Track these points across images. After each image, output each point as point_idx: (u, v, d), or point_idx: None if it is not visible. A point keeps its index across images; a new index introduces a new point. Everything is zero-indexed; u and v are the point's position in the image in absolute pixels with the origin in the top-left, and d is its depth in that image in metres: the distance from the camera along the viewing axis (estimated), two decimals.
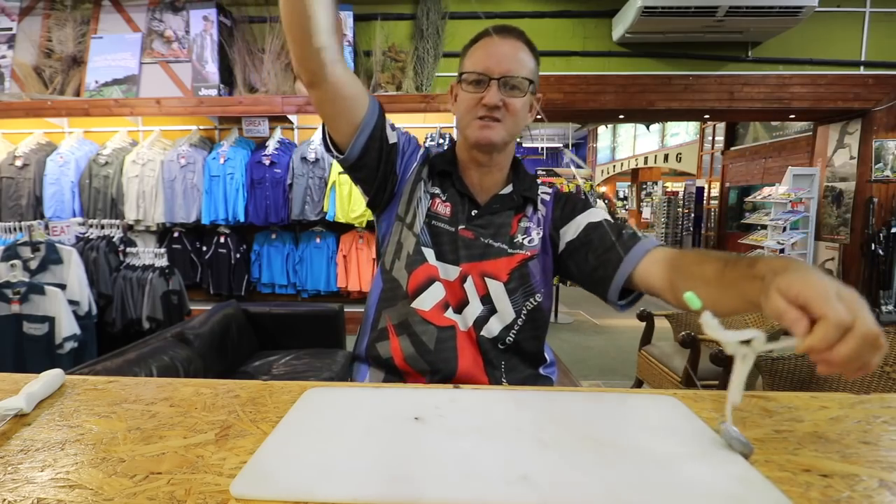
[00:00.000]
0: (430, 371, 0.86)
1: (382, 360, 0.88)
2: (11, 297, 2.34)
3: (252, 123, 4.34)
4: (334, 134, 0.87)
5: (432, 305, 0.87)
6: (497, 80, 0.84)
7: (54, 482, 0.46)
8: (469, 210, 0.92)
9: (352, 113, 0.84)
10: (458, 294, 0.87)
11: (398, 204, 0.93)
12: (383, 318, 0.90)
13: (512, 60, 0.86)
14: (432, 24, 4.34)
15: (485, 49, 0.87)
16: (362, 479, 0.47)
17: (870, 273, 4.72)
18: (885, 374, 1.58)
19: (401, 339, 0.87)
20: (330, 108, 0.82)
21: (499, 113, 0.86)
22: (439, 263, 0.88)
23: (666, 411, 0.63)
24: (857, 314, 0.46)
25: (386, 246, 0.92)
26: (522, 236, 0.91)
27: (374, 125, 0.86)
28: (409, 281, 0.88)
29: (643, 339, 2.81)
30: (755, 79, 4.48)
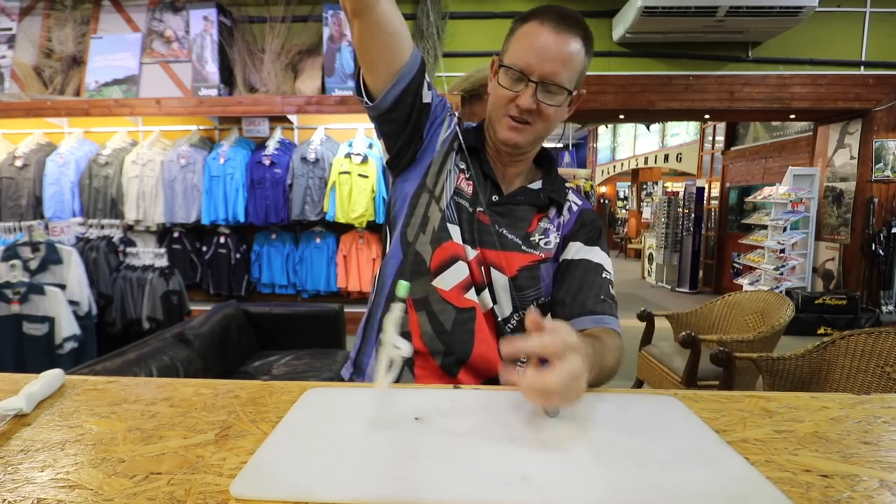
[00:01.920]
0: (443, 352, 0.82)
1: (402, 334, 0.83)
2: (11, 298, 2.34)
3: (252, 123, 4.34)
4: (370, 76, 0.80)
5: (453, 285, 0.82)
6: (536, 83, 0.78)
7: (54, 482, 0.46)
8: (490, 194, 0.88)
9: (393, 54, 0.78)
10: (478, 276, 0.83)
11: (426, 174, 0.87)
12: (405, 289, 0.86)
13: (557, 62, 0.77)
14: (432, 24, 4.34)
15: (532, 40, 0.78)
16: (362, 479, 0.47)
17: (870, 273, 4.72)
18: (886, 375, 1.58)
19: (419, 316, 0.83)
20: (371, 43, 0.75)
21: (530, 116, 0.81)
22: (462, 243, 0.84)
23: (666, 411, 0.63)
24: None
25: (406, 216, 0.86)
26: (540, 236, 0.87)
27: (411, 77, 0.81)
28: (432, 257, 0.83)
29: (643, 339, 2.81)
30: (755, 79, 4.48)
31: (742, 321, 2.56)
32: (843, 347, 1.69)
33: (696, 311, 2.74)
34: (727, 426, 0.59)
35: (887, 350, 1.59)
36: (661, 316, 2.78)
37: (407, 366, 0.83)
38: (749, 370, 2.18)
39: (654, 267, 7.84)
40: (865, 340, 1.65)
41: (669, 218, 7.52)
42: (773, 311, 2.36)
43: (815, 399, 0.68)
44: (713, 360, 1.98)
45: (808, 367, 1.75)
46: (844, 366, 1.68)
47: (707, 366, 2.16)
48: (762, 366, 1.80)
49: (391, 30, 0.76)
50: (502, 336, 0.85)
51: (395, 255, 0.87)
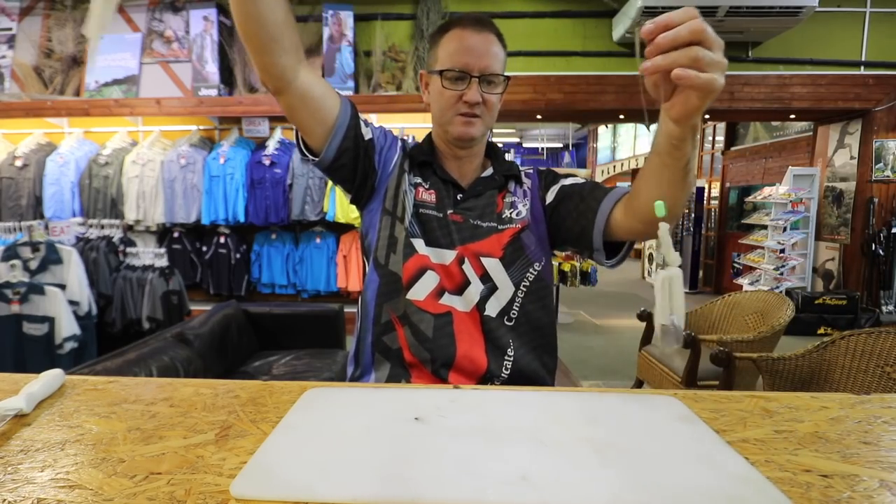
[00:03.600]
0: (430, 359, 0.85)
1: (392, 352, 0.88)
2: (11, 298, 2.34)
3: (252, 123, 4.34)
4: (309, 138, 0.86)
5: (426, 294, 0.87)
6: (477, 77, 0.86)
7: (54, 482, 0.46)
8: (454, 195, 0.94)
9: (323, 114, 0.83)
10: (456, 277, 0.88)
11: (384, 198, 0.92)
12: (385, 311, 0.89)
13: (489, 56, 0.87)
14: (432, 24, 4.34)
15: (461, 43, 0.87)
16: (362, 479, 0.47)
17: (870, 273, 4.72)
18: (886, 375, 1.58)
19: (404, 330, 0.87)
20: (300, 113, 0.82)
21: (478, 109, 0.88)
22: (431, 250, 0.88)
23: (666, 411, 0.63)
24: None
25: (377, 241, 0.92)
26: (509, 211, 0.93)
27: (347, 125, 0.86)
28: (402, 272, 0.88)
29: (643, 339, 2.81)
30: (755, 79, 4.48)
31: (742, 321, 2.56)
32: (843, 347, 1.69)
33: (696, 311, 2.74)
34: (727, 426, 0.59)
35: (887, 350, 1.59)
36: None
37: (404, 378, 0.86)
38: (749, 370, 2.18)
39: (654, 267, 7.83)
40: (865, 340, 1.65)
41: None
42: (773, 311, 2.36)
43: (815, 399, 0.68)
44: (713, 360, 1.98)
45: (808, 367, 1.75)
46: (844, 366, 1.68)
47: (707, 366, 2.16)
48: (762, 366, 1.80)
49: (315, 94, 0.81)
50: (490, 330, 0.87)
51: (373, 280, 0.92)
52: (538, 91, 4.51)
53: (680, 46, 0.54)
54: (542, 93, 4.52)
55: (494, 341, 0.86)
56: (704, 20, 0.53)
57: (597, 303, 6.11)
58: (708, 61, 0.54)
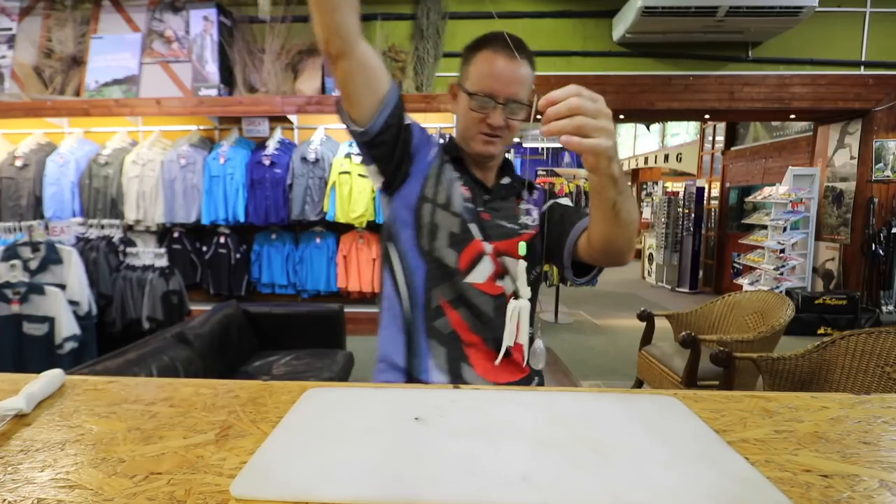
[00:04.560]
0: (493, 337, 0.91)
1: (445, 336, 0.92)
2: (11, 298, 2.34)
3: (252, 123, 4.34)
4: (355, 108, 0.87)
5: (486, 277, 0.93)
6: (502, 104, 0.91)
7: (54, 482, 0.46)
8: (482, 195, 0.99)
9: (377, 84, 0.85)
10: (498, 266, 0.95)
11: (423, 186, 0.95)
12: (435, 297, 0.93)
13: (516, 83, 0.91)
14: (432, 24, 4.34)
15: (491, 67, 0.91)
16: (362, 479, 0.47)
17: (870, 273, 4.72)
18: (886, 375, 1.58)
19: (460, 312, 0.92)
20: (357, 79, 0.83)
21: (501, 131, 0.93)
22: (482, 240, 0.94)
23: (666, 411, 0.63)
24: None
25: (416, 228, 0.94)
26: (525, 217, 1.00)
27: (395, 103, 0.89)
28: (459, 258, 0.92)
29: (643, 339, 2.81)
30: (755, 79, 4.48)
31: (742, 321, 2.56)
32: (843, 347, 1.69)
33: (696, 311, 2.74)
34: (727, 426, 0.59)
35: (887, 350, 1.59)
36: (661, 316, 2.78)
37: (463, 360, 0.92)
38: (749, 370, 2.18)
39: (654, 267, 7.84)
40: (865, 340, 1.65)
41: (669, 218, 7.52)
42: (773, 311, 2.36)
43: (815, 399, 0.68)
44: (713, 360, 1.98)
45: (808, 367, 1.75)
46: (844, 366, 1.68)
47: (707, 366, 2.16)
48: (762, 366, 1.80)
49: (373, 62, 0.84)
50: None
51: (418, 266, 0.95)
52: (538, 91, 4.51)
53: (565, 117, 0.64)
54: (542, 93, 4.51)
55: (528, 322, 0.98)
56: (585, 97, 0.64)
57: (597, 303, 6.11)
58: (591, 128, 0.64)
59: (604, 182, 0.73)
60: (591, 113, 0.65)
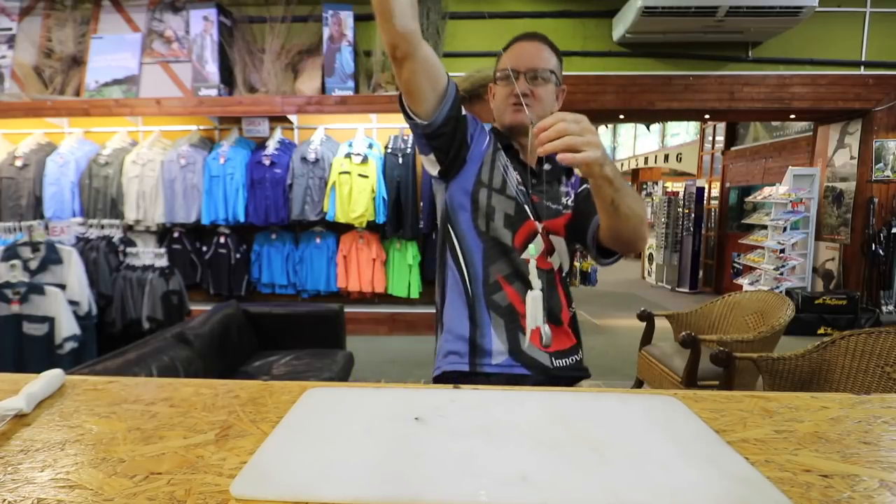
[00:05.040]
0: (547, 308, 0.97)
1: (503, 308, 1.01)
2: (11, 298, 2.34)
3: (252, 123, 4.34)
4: (419, 104, 0.94)
5: (539, 253, 0.97)
6: (524, 73, 1.00)
7: (54, 482, 0.46)
8: (530, 179, 1.06)
9: (438, 81, 0.93)
10: (547, 243, 1.03)
11: (479, 172, 1.03)
12: (492, 273, 1.02)
13: (535, 58, 1.01)
14: (432, 24, 4.34)
15: (512, 51, 1.03)
16: (362, 479, 0.47)
17: (870, 273, 4.72)
18: (886, 375, 1.58)
19: (515, 287, 1.01)
20: (420, 77, 0.90)
21: (527, 99, 0.98)
22: (534, 220, 1.02)
23: (666, 411, 0.63)
24: None
25: (473, 211, 1.03)
26: (565, 198, 1.08)
27: (454, 97, 0.97)
28: (514, 237, 1.01)
29: (643, 339, 2.81)
30: (755, 79, 4.48)
31: (742, 321, 2.56)
32: (843, 347, 1.69)
33: (696, 311, 2.74)
34: (727, 426, 0.59)
35: (887, 350, 1.59)
36: (661, 316, 2.78)
37: (520, 331, 1.00)
38: (749, 370, 2.18)
39: (654, 267, 7.84)
40: (865, 340, 1.65)
41: (669, 218, 7.52)
42: (773, 311, 2.36)
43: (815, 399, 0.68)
44: (713, 360, 1.98)
45: (808, 367, 1.75)
46: (844, 366, 1.68)
47: (707, 366, 2.16)
48: (762, 366, 1.80)
49: (434, 61, 0.92)
50: (566, 286, 1.08)
51: (475, 245, 1.04)
52: None
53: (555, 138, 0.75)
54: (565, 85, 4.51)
55: (568, 294, 1.09)
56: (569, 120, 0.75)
57: (597, 303, 6.11)
58: (580, 143, 0.75)
59: (600, 183, 0.84)
60: (577, 131, 0.75)
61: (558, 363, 1.02)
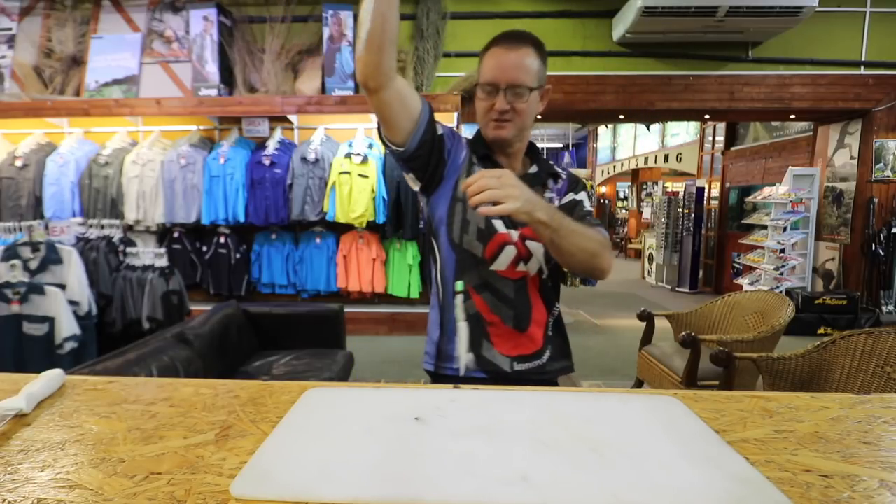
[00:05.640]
0: (513, 316, 1.04)
1: (470, 317, 1.06)
2: (11, 298, 2.34)
3: (252, 123, 4.34)
4: (392, 131, 0.98)
5: (508, 264, 1.04)
6: (504, 89, 1.00)
7: (54, 482, 0.46)
8: None
9: (411, 111, 0.97)
10: (522, 250, 1.05)
11: (454, 186, 1.07)
12: (463, 283, 1.06)
13: (517, 70, 1.00)
14: (432, 24, 4.34)
15: (495, 59, 1.01)
16: (362, 479, 0.47)
17: (870, 273, 4.72)
18: (886, 375, 1.58)
19: (483, 296, 1.05)
20: (393, 107, 0.94)
21: (508, 115, 1.02)
22: (506, 230, 1.05)
23: (666, 411, 0.63)
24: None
25: (449, 224, 1.07)
26: None
27: (427, 121, 1.00)
28: (484, 249, 1.05)
29: (643, 339, 2.81)
30: (755, 79, 4.48)
31: (742, 321, 2.56)
32: (843, 347, 1.69)
33: (696, 311, 2.74)
34: (727, 426, 0.59)
35: (887, 350, 1.59)
36: (661, 316, 2.78)
37: (485, 337, 1.05)
38: (749, 370, 2.18)
39: (654, 267, 7.84)
40: (865, 340, 1.65)
41: (669, 218, 7.52)
42: (773, 311, 2.36)
43: (815, 399, 0.68)
44: (713, 360, 1.98)
45: (808, 367, 1.75)
46: (844, 366, 1.68)
47: (707, 366, 2.16)
48: (762, 366, 1.80)
49: (406, 93, 0.95)
50: (545, 289, 1.09)
51: (449, 256, 1.08)
52: None
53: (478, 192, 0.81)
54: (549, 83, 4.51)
55: (548, 298, 1.10)
56: (489, 176, 0.82)
57: (597, 303, 6.11)
58: (499, 196, 0.81)
59: (534, 226, 0.90)
60: (496, 185, 0.82)
61: (519, 367, 1.05)
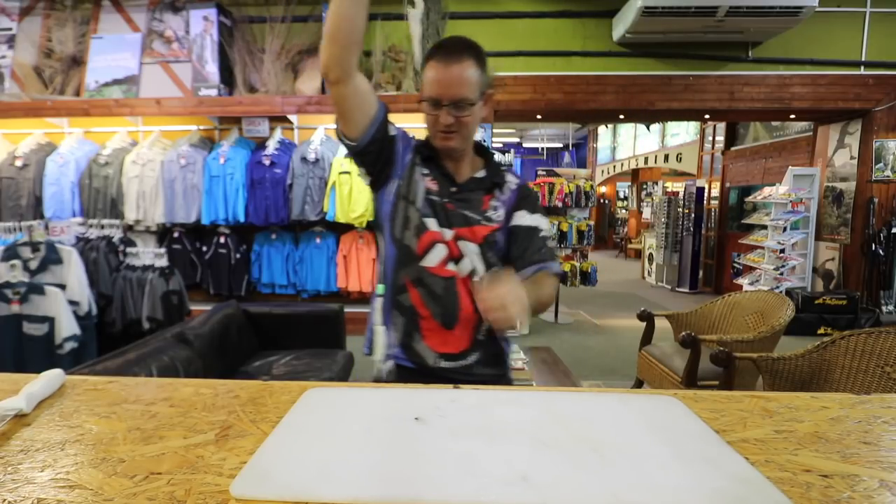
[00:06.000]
0: (441, 312, 1.08)
1: (405, 308, 1.11)
2: (11, 298, 2.34)
3: (252, 123, 4.34)
4: (348, 125, 1.04)
5: (437, 262, 1.09)
6: (447, 105, 1.04)
7: (54, 482, 0.46)
8: (449, 187, 1.13)
9: (367, 107, 1.03)
10: (454, 251, 1.10)
11: (399, 186, 1.12)
12: (400, 276, 1.11)
13: (458, 85, 1.03)
14: (432, 24, 4.33)
15: (435, 73, 1.04)
16: (362, 479, 0.47)
17: (870, 273, 4.72)
18: (886, 375, 1.58)
19: (418, 290, 1.09)
20: (351, 102, 1.00)
21: (453, 127, 1.06)
22: (439, 228, 1.09)
23: (666, 411, 0.63)
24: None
25: (392, 220, 1.12)
26: (493, 212, 1.14)
27: (382, 120, 1.06)
28: (417, 245, 1.09)
29: (643, 339, 2.81)
30: (755, 79, 4.48)
31: (742, 321, 2.56)
32: (843, 347, 1.69)
33: (696, 311, 2.74)
34: (727, 426, 0.59)
35: (887, 350, 1.59)
36: (661, 316, 2.78)
37: (416, 330, 1.10)
38: (749, 370, 2.18)
39: (654, 267, 7.84)
40: (865, 340, 1.65)
41: (669, 218, 7.52)
42: (773, 311, 2.36)
43: (815, 399, 0.68)
44: (713, 360, 1.98)
45: (808, 367, 1.75)
46: (844, 366, 1.68)
47: (707, 366, 2.16)
48: (762, 366, 1.80)
49: (364, 89, 1.01)
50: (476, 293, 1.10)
51: (391, 252, 1.13)
52: (538, 91, 4.51)
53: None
54: (542, 93, 4.52)
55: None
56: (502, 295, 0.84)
57: (597, 303, 6.11)
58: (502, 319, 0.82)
59: None
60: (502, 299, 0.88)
61: (443, 364, 1.09)
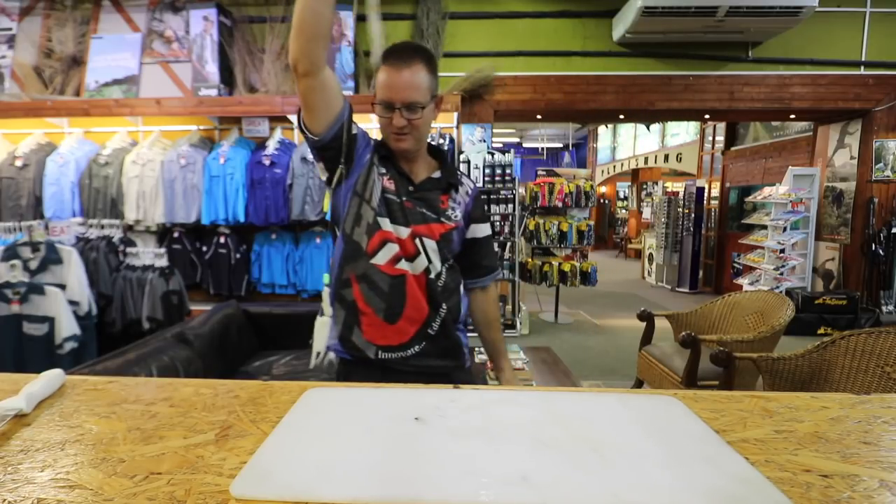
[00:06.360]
0: (384, 308, 1.11)
1: (347, 303, 1.14)
2: (11, 298, 2.34)
3: (252, 123, 4.33)
4: (312, 120, 1.06)
5: (386, 260, 1.12)
6: (399, 108, 1.07)
7: (54, 482, 0.46)
8: (406, 186, 1.16)
9: (333, 103, 1.05)
10: (410, 249, 1.13)
11: (355, 184, 1.14)
12: (346, 271, 1.14)
13: (409, 89, 1.07)
14: (432, 24, 4.34)
15: (387, 77, 1.07)
16: (362, 479, 0.47)
17: (870, 273, 4.72)
18: (886, 375, 1.58)
19: (361, 287, 1.12)
20: (318, 95, 1.02)
21: (406, 129, 1.10)
22: (393, 227, 1.12)
23: (666, 411, 0.63)
24: None
25: (345, 216, 1.15)
26: (451, 211, 1.19)
27: (345, 119, 1.08)
28: (368, 243, 1.12)
29: (643, 339, 2.81)
30: (755, 79, 4.48)
31: (742, 321, 2.56)
32: (843, 347, 1.69)
33: (696, 311, 2.74)
34: (727, 426, 0.59)
35: (887, 350, 1.59)
36: (661, 316, 2.78)
37: (356, 324, 1.13)
38: (749, 370, 2.18)
39: (654, 267, 7.84)
40: (865, 340, 1.65)
41: (669, 218, 7.52)
42: (773, 311, 2.36)
43: (815, 399, 0.68)
44: (713, 360, 1.98)
45: (808, 367, 1.75)
46: (844, 366, 1.68)
47: (707, 366, 2.16)
48: (762, 366, 1.80)
49: (331, 85, 1.03)
50: (433, 289, 1.14)
51: (340, 246, 1.17)
52: (538, 91, 4.51)
53: None
54: (542, 93, 4.52)
55: (433, 298, 1.15)
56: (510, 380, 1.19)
57: (597, 303, 6.11)
58: None
59: None
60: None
61: (383, 356, 1.12)
